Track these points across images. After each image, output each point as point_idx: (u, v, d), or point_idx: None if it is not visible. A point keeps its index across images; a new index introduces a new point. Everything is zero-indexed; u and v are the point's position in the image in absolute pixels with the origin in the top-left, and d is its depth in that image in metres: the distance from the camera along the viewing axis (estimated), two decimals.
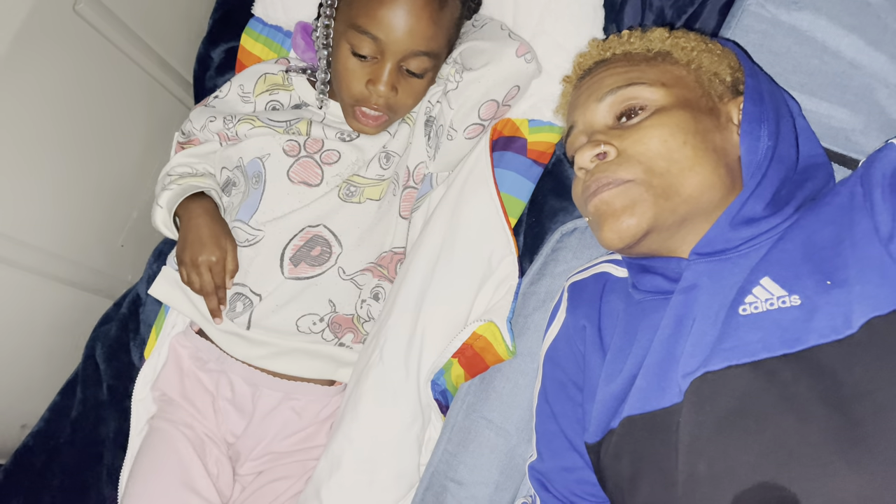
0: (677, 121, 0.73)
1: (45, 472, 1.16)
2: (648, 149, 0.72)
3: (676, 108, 0.74)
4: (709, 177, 0.72)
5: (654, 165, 0.72)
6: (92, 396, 1.19)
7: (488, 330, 0.93)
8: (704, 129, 0.73)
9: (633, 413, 0.71)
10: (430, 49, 0.93)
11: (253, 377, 1.01)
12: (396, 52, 0.92)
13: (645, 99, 0.76)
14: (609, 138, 0.75)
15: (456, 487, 0.91)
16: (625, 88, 0.77)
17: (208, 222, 0.99)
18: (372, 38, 0.91)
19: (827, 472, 0.57)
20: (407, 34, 0.90)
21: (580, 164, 0.76)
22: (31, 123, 1.05)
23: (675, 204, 0.71)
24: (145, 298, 1.22)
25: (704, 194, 0.72)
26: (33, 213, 1.10)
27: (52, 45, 1.03)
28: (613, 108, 0.77)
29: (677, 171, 0.71)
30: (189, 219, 1.00)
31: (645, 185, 0.71)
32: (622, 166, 0.72)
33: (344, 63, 0.94)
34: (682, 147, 0.72)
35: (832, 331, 0.62)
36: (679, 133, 0.72)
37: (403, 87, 0.95)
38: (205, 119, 1.05)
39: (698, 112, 0.75)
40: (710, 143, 0.73)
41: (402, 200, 1.05)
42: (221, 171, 1.07)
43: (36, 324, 1.19)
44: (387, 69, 0.93)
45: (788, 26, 0.95)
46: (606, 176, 0.73)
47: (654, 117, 0.74)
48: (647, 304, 0.77)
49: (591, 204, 0.74)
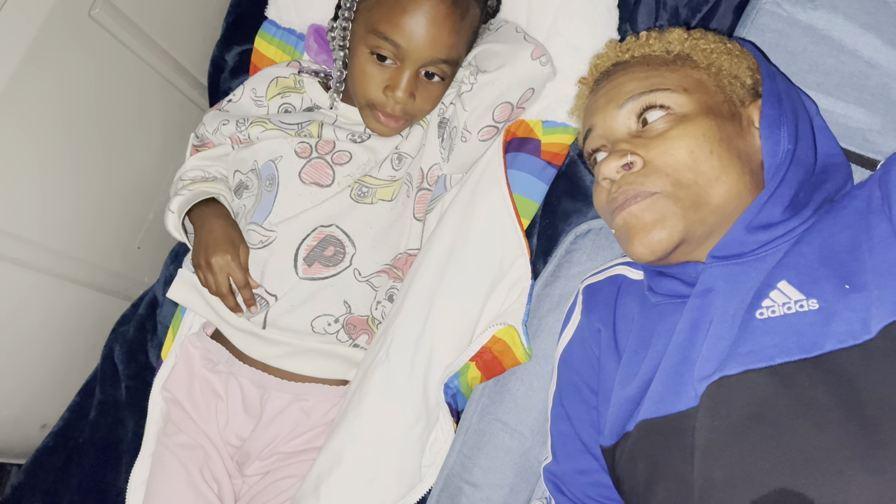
0: (703, 130, 0.72)
1: (64, 472, 1.17)
2: (676, 160, 0.71)
3: (700, 116, 0.73)
4: (735, 185, 0.71)
5: (682, 177, 0.71)
6: (110, 397, 1.20)
7: (507, 333, 0.93)
8: (728, 136, 0.72)
9: (648, 417, 0.71)
10: (449, 57, 0.93)
11: (262, 380, 1.02)
12: (417, 60, 0.92)
13: (667, 106, 0.74)
14: (634, 147, 0.73)
15: (471, 489, 0.91)
16: (647, 94, 0.75)
17: (221, 224, 1.00)
18: (393, 44, 0.91)
19: (844, 479, 0.56)
20: (429, 42, 0.90)
21: (605, 175, 0.74)
22: (48, 127, 1.06)
23: (703, 215, 0.71)
24: (162, 300, 1.23)
25: (731, 202, 0.71)
26: (50, 216, 1.11)
27: (69, 49, 1.04)
28: (634, 114, 0.76)
29: (704, 182, 0.70)
30: (202, 223, 1.01)
31: (673, 197, 0.70)
32: (649, 178, 0.71)
33: (362, 67, 0.94)
34: (708, 157, 0.71)
35: (850, 336, 0.61)
36: (705, 143, 0.71)
37: (421, 93, 0.95)
38: (217, 123, 1.06)
39: (721, 119, 0.73)
40: (735, 151, 0.72)
41: (417, 202, 1.05)
42: (234, 174, 1.08)
43: (54, 325, 1.20)
44: (406, 76, 0.93)
45: (805, 25, 0.94)
46: (634, 188, 0.72)
47: (679, 127, 0.72)
48: (664, 308, 0.77)
49: (620, 217, 0.73)
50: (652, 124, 0.74)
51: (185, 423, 1.03)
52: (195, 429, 1.02)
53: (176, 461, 0.99)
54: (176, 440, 1.02)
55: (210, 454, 1.01)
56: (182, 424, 1.03)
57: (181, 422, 1.03)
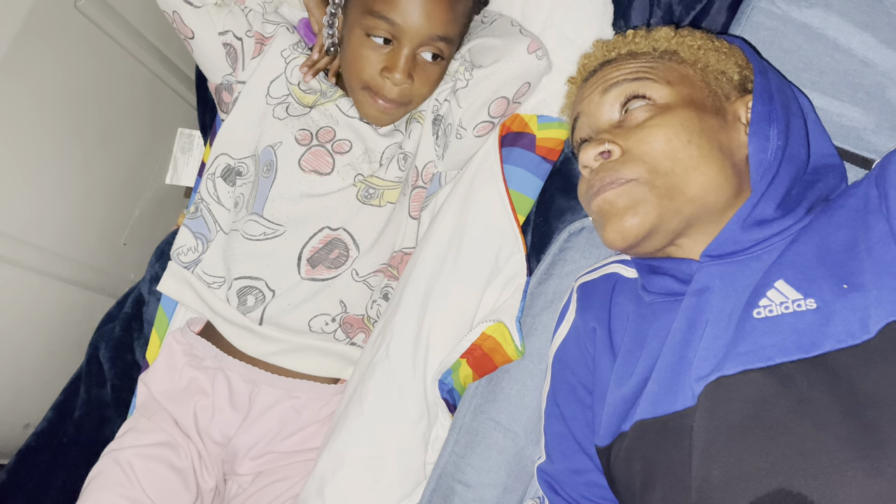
0: (682, 120, 0.72)
1: (48, 473, 1.15)
2: (653, 148, 0.71)
3: (681, 107, 0.73)
4: (714, 177, 0.71)
5: (659, 165, 0.71)
6: (95, 396, 1.18)
7: (497, 330, 0.93)
8: (710, 128, 0.73)
9: (644, 417, 0.70)
10: (446, 34, 0.92)
11: (252, 374, 1.00)
12: (414, 38, 0.90)
13: (649, 96, 0.75)
14: (614, 137, 0.74)
15: (463, 489, 0.91)
16: (630, 83, 0.76)
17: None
18: (389, 22, 0.89)
19: (844, 479, 0.56)
20: (425, 18, 0.89)
21: (584, 163, 0.75)
22: (32, 121, 1.04)
23: (679, 204, 0.71)
24: (148, 298, 1.21)
25: (710, 194, 0.71)
26: (35, 211, 1.09)
27: (54, 41, 1.03)
28: (618, 103, 0.77)
29: (682, 171, 0.71)
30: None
31: (648, 184, 0.71)
32: (626, 165, 0.72)
33: (357, 50, 0.93)
34: (686, 146, 0.71)
35: (849, 336, 0.61)
36: (684, 132, 0.71)
37: (419, 74, 0.94)
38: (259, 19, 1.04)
39: (704, 111, 0.74)
40: (716, 143, 0.72)
41: (412, 200, 1.04)
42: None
43: (38, 323, 1.18)
44: (403, 55, 0.91)
45: (799, 23, 0.94)
46: (610, 175, 0.72)
47: (658, 116, 0.73)
48: (658, 306, 0.76)
49: (594, 203, 0.74)
50: (632, 113, 0.75)
51: (158, 414, 1.00)
52: (166, 418, 0.99)
53: (119, 470, 0.95)
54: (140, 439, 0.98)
55: (180, 447, 0.98)
56: (154, 416, 1.00)
57: (152, 413, 1.00)
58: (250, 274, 0.99)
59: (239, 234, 1.00)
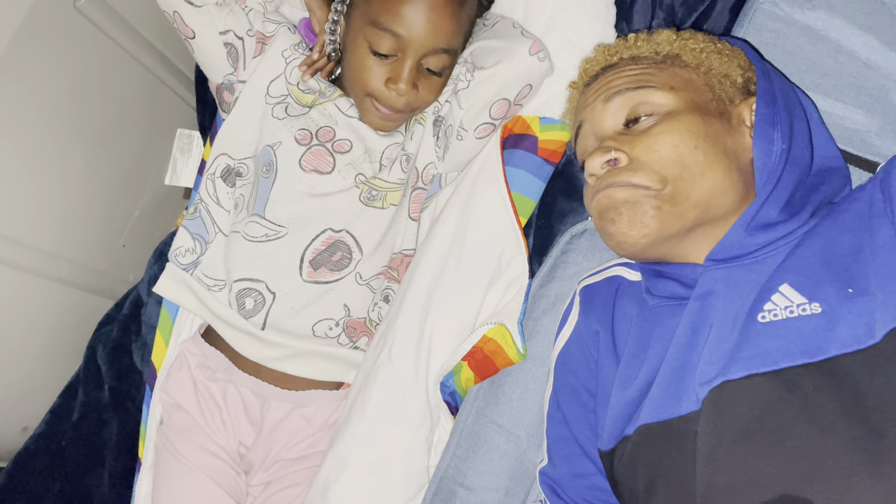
0: (687, 125, 0.72)
1: (46, 476, 1.14)
2: (660, 156, 0.71)
3: (686, 113, 0.73)
4: (720, 181, 0.71)
5: (667, 172, 0.71)
6: (94, 399, 1.17)
7: (499, 333, 0.92)
8: (715, 132, 0.72)
9: (648, 421, 0.70)
10: (450, 46, 0.92)
11: (261, 389, 1.00)
12: (418, 50, 0.90)
13: (654, 104, 0.74)
14: (620, 144, 0.74)
15: (465, 493, 0.90)
16: (633, 91, 0.76)
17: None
18: (393, 35, 0.89)
19: (850, 484, 0.56)
20: (430, 31, 0.89)
21: (591, 171, 0.75)
22: (31, 122, 1.03)
23: (683, 209, 0.70)
24: (147, 300, 1.21)
25: (715, 199, 0.71)
26: (33, 212, 1.09)
27: (53, 42, 1.02)
28: (622, 111, 0.76)
29: (689, 177, 0.70)
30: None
31: (655, 191, 0.71)
32: (635, 174, 0.71)
33: (361, 60, 0.92)
34: (693, 152, 0.71)
35: (854, 340, 0.61)
36: (690, 138, 0.71)
37: (424, 84, 0.94)
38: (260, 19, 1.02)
39: (708, 115, 0.73)
40: (721, 147, 0.72)
41: (412, 202, 1.04)
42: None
43: (36, 325, 1.17)
44: (407, 67, 0.91)
45: (802, 25, 0.94)
46: (616, 178, 0.72)
47: (663, 123, 0.73)
48: (662, 310, 0.76)
49: (596, 199, 0.74)
50: (637, 123, 0.75)
51: (194, 429, 1.01)
52: (205, 436, 1.00)
53: (188, 467, 0.98)
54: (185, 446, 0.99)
55: (221, 461, 0.99)
56: (190, 431, 1.01)
57: (188, 428, 1.01)
58: (251, 276, 0.98)
59: (240, 235, 0.99)
